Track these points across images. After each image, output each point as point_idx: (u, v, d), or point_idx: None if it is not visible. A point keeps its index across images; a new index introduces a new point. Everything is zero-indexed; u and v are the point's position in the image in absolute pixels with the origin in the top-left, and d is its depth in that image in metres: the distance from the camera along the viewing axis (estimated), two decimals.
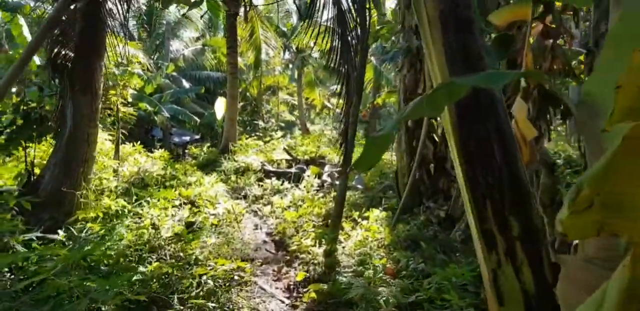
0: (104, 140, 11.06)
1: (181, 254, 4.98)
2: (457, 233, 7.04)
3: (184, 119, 19.78)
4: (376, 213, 7.16)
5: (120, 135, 15.30)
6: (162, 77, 19.04)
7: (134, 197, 6.93)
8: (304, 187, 9.04)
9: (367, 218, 7.18)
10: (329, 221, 6.91)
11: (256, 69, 15.90)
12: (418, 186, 8.33)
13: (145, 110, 17.74)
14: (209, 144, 24.54)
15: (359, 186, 9.57)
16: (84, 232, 5.28)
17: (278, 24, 24.33)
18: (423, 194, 8.33)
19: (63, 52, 6.46)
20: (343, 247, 5.90)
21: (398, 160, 8.65)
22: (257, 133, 25.47)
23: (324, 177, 9.87)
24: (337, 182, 9.59)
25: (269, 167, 10.58)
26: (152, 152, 18.01)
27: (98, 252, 4.72)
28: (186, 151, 25.03)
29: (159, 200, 7.01)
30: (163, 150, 13.33)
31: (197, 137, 24.75)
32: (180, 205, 7.20)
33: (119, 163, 9.30)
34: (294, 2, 25.55)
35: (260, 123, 26.43)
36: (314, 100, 29.93)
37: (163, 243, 5.24)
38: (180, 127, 23.29)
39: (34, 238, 4.49)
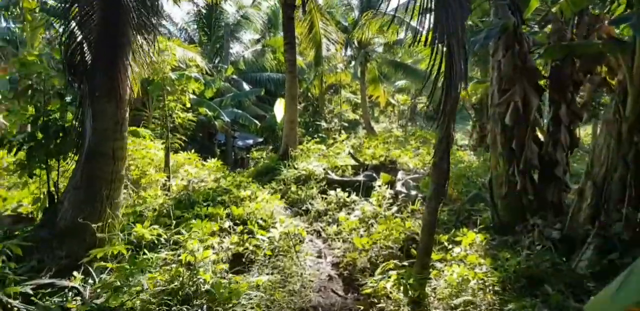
0: (158, 149, 10.22)
1: (219, 309, 3.69)
2: (583, 264, 5.26)
3: (244, 123, 18.92)
4: (471, 236, 5.53)
5: (176, 143, 14.65)
6: (221, 81, 18.30)
7: (176, 220, 5.81)
8: (375, 199, 7.56)
9: (458, 242, 5.57)
10: (411, 249, 5.39)
11: (317, 66, 14.60)
12: (519, 198, 6.58)
13: (206, 115, 17.05)
14: (271, 147, 23.79)
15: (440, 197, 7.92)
16: (105, 273, 4.15)
17: (339, 19, 22.94)
18: (526, 208, 6.56)
19: (81, 49, 5.44)
20: (434, 290, 4.36)
21: (492, 166, 6.91)
22: (320, 135, 24.25)
23: (398, 186, 8.31)
24: (414, 192, 8.01)
25: (332, 176, 9.18)
26: (212, 159, 17.38)
27: (114, 302, 3.56)
28: (249, 155, 24.43)
29: (204, 222, 5.84)
30: (216, 159, 12.39)
31: (260, 140, 23.98)
32: (230, 227, 5.98)
33: (168, 177, 8.32)
34: None
35: (323, 123, 25.20)
36: (378, 98, 28.22)
37: (201, 288, 3.99)
38: (244, 131, 22.60)
39: (29, 291, 3.39)
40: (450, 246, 5.52)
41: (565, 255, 5.46)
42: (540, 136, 6.77)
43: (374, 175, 9.22)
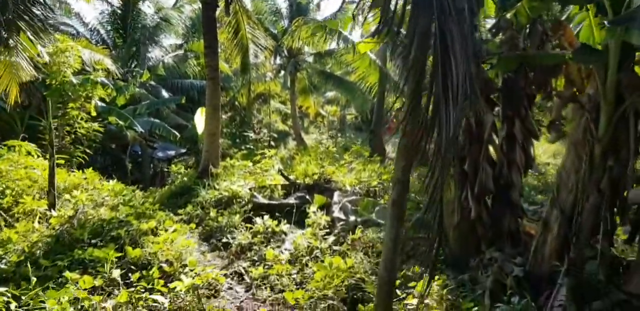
0: (45, 168, 8.32)
1: None
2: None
3: (162, 133, 17.02)
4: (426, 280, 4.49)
5: (78, 158, 12.57)
6: (135, 87, 16.33)
7: (44, 271, 4.23)
8: (309, 227, 6.38)
9: (411, 287, 4.52)
10: (357, 302, 4.24)
11: (244, 73, 13.25)
12: (473, 227, 5.70)
13: (117, 125, 15.00)
14: (194, 159, 21.89)
15: (381, 221, 6.91)
16: None
17: (267, 26, 21.77)
18: (481, 239, 5.69)
19: None
20: None
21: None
22: (248, 146, 22.79)
23: (334, 210, 7.19)
24: (353, 218, 6.91)
25: (259, 198, 7.85)
26: (123, 174, 15.26)
27: None
28: (169, 168, 22.34)
29: (82, 273, 4.32)
30: (128, 175, 10.63)
31: (183, 150, 21.98)
32: (122, 276, 4.49)
33: (51, 204, 6.55)
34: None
35: (251, 134, 23.77)
36: (308, 108, 27.36)
37: None
38: (165, 141, 20.52)
39: None
40: (402, 293, 4.44)
41: (534, 298, 4.58)
42: (493, 155, 5.96)
43: (307, 196, 8.04)
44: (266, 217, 6.67)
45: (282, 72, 25.10)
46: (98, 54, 14.13)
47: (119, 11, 20.52)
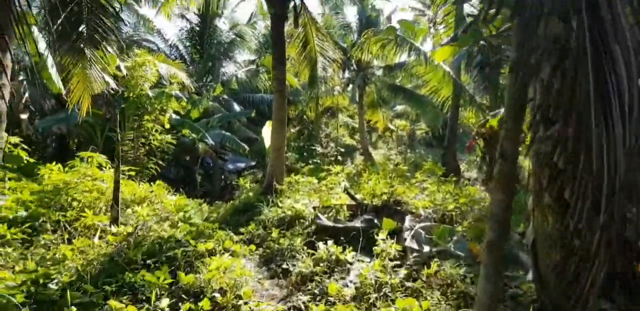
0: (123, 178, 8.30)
1: None
2: None
3: (231, 146, 17.07)
4: None
5: (151, 170, 12.72)
6: (209, 100, 16.55)
7: (86, 298, 3.87)
8: (377, 257, 5.66)
9: None
10: None
11: (312, 87, 12.87)
12: (578, 269, 4.70)
13: (190, 137, 15.22)
14: (262, 173, 21.89)
15: (460, 253, 6.02)
16: None
17: (337, 40, 21.47)
18: (589, 283, 4.67)
19: None
20: None
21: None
22: (315, 160, 22.44)
23: (406, 238, 6.39)
24: (427, 248, 6.09)
25: (323, 220, 7.23)
26: (195, 187, 15.35)
27: None
28: (237, 181, 22.47)
29: (131, 299, 3.92)
30: (197, 187, 10.50)
31: (253, 163, 22.09)
32: (171, 307, 4.05)
33: (114, 219, 6.37)
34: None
35: (319, 148, 23.42)
36: (377, 123, 26.57)
37: None
38: (237, 153, 20.69)
39: None
40: None
41: None
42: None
43: (375, 220, 7.30)
44: (330, 242, 6.03)
45: (351, 86, 24.66)
46: (174, 68, 14.46)
47: (197, 28, 21.21)
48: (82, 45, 6.42)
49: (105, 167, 8.27)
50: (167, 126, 12.94)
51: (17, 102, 10.36)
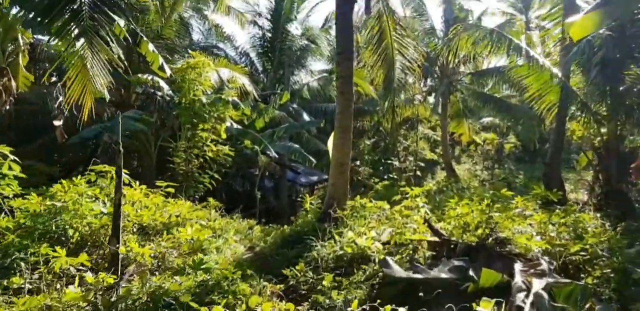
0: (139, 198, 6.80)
1: None
2: None
3: (297, 159, 15.40)
4: None
5: (201, 185, 11.29)
6: (275, 109, 15.07)
7: None
8: None
9: None
10: None
11: (388, 91, 10.78)
12: None
13: (253, 149, 13.77)
14: None
15: None
16: None
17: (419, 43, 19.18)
18: None
19: None
20: None
21: None
22: (391, 175, 20.16)
23: (517, 301, 4.05)
24: None
25: (393, 268, 4.99)
26: (254, 204, 13.68)
27: None
28: (314, 192, 20.79)
29: None
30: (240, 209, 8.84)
31: (326, 176, 20.34)
32: None
33: (109, 260, 4.72)
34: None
35: (395, 162, 21.12)
36: (462, 135, 23.66)
37: None
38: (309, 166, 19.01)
39: None
40: None
41: None
42: None
43: (469, 268, 5.01)
44: (402, 310, 3.87)
45: (433, 95, 22.15)
46: (236, 73, 13.14)
47: (269, 34, 20.07)
48: (73, 25, 5.00)
49: (128, 184, 6.79)
50: (224, 136, 11.52)
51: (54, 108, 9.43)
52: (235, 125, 13.64)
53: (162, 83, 11.78)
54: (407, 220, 6.88)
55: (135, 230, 6.26)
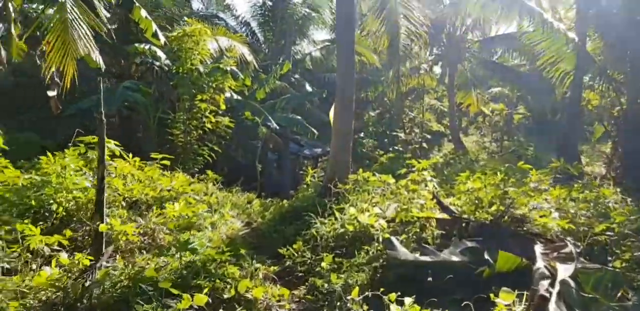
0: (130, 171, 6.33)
1: None
2: None
3: (299, 131, 14.83)
4: None
5: (202, 156, 10.80)
6: (275, 79, 14.36)
7: None
8: None
9: None
10: None
11: (393, 59, 10.01)
12: None
13: (254, 120, 13.17)
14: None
15: None
16: None
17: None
18: None
19: None
20: None
21: None
22: (396, 147, 19.55)
23: (541, 290, 3.57)
24: None
25: (399, 249, 4.49)
26: (255, 178, 13.17)
27: None
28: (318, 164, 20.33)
29: None
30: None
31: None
32: None
33: (93, 236, 4.29)
34: None
35: (401, 134, 20.46)
36: (469, 106, 22.82)
37: None
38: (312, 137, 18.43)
39: None
40: None
41: None
42: None
43: (483, 250, 4.53)
44: (409, 300, 3.40)
45: (440, 64, 21.20)
46: (235, 42, 12.39)
47: (269, 3, 19.04)
48: None
49: (118, 156, 6.30)
50: (223, 107, 10.94)
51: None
52: (235, 96, 13.02)
53: (160, 53, 11.12)
54: (413, 195, 6.40)
55: (124, 204, 5.81)
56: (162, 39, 9.07)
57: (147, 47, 10.54)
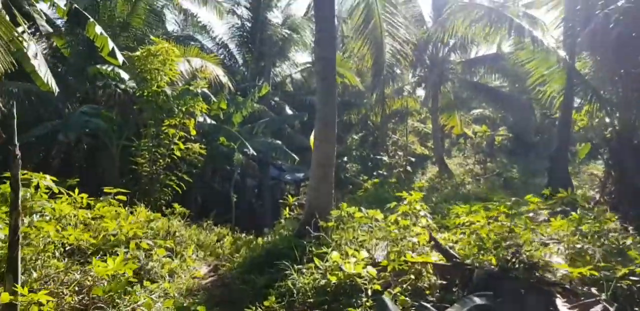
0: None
1: None
2: None
3: (278, 157, 13.96)
4: None
5: (169, 189, 9.79)
6: (253, 102, 13.56)
7: None
8: None
9: None
10: None
11: (376, 78, 9.33)
12: None
13: (229, 146, 12.26)
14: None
15: None
16: None
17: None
18: None
19: None
20: None
21: None
22: (381, 171, 18.78)
23: None
24: None
25: (391, 309, 3.62)
26: (229, 209, 12.10)
27: None
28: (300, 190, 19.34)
29: None
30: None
31: None
32: None
33: None
34: None
35: (385, 158, 19.75)
36: (453, 128, 22.38)
37: None
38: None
39: None
40: None
41: None
42: None
43: (490, 305, 3.65)
44: None
45: (423, 85, 20.78)
46: (208, 63, 11.61)
47: (248, 24, 18.48)
48: None
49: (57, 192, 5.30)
50: (193, 132, 10.02)
51: None
52: (209, 121, 12.14)
53: (124, 75, 10.23)
54: (405, 233, 5.48)
55: (58, 254, 4.78)
56: (121, 58, 8.21)
57: (109, 68, 9.65)
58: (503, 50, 18.09)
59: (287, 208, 8.33)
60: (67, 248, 4.86)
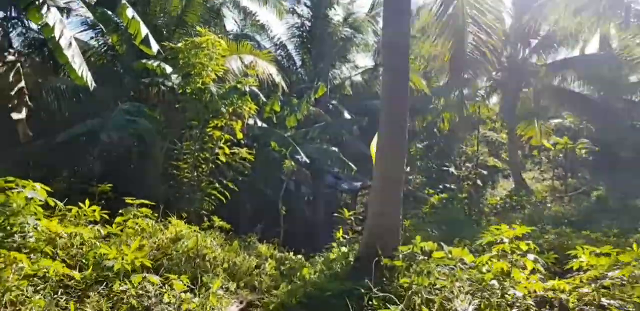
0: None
1: None
2: None
3: (333, 165, 12.55)
4: None
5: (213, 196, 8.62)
6: (309, 105, 12.29)
7: None
8: None
9: None
10: None
11: (455, 75, 7.71)
12: None
13: (281, 152, 11.05)
14: None
15: None
16: None
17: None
18: None
19: None
20: None
21: None
22: (447, 185, 16.82)
23: None
24: None
25: None
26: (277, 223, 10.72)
27: None
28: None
29: None
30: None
31: (370, 182, 17.29)
32: None
33: None
34: None
35: (452, 169, 17.74)
36: (531, 139, 19.85)
37: None
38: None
39: None
40: None
41: None
42: None
43: None
44: None
45: (498, 90, 18.58)
46: (260, 60, 10.48)
47: (308, 23, 17.34)
48: None
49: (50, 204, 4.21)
50: (240, 136, 8.88)
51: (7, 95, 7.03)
52: (259, 123, 11.00)
53: (169, 70, 9.30)
54: (505, 283, 3.85)
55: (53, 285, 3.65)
56: (155, 47, 7.18)
57: (155, 63, 8.73)
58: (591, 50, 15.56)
59: (341, 230, 6.88)
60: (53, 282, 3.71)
